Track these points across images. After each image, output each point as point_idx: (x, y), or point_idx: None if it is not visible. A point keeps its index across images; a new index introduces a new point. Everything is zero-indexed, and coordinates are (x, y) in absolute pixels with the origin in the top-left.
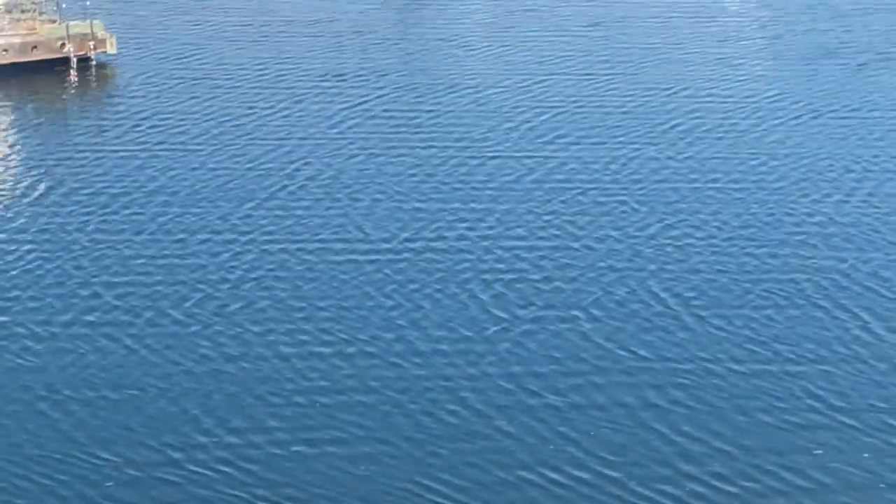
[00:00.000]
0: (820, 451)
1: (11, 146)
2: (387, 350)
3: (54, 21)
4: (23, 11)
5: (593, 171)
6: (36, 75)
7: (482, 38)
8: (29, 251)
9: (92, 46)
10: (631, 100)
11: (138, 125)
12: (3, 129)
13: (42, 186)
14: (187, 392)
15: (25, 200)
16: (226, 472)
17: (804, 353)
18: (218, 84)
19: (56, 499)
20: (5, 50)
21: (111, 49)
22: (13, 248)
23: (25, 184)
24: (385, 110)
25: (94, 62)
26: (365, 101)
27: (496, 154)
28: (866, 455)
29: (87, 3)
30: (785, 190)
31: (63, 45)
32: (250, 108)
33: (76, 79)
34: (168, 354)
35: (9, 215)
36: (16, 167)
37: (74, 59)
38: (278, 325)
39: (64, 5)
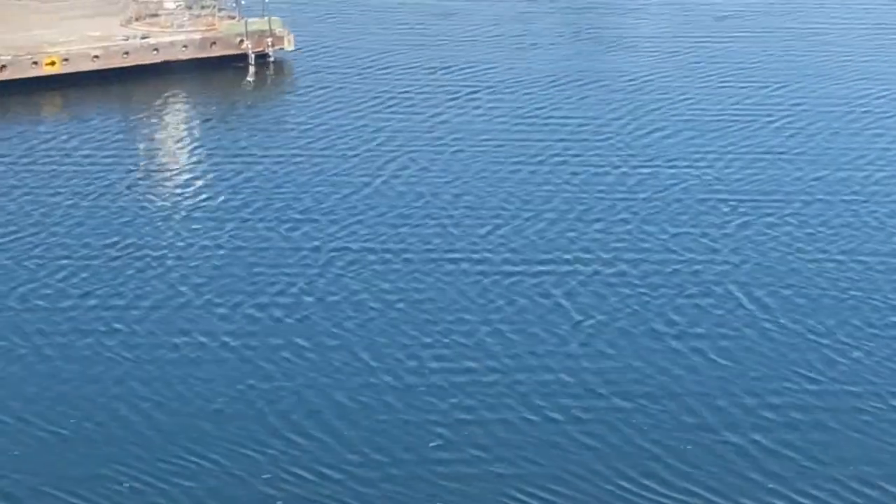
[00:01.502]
0: None
1: (182, 142)
2: (488, 354)
3: (233, 17)
4: (202, 7)
5: (694, 176)
6: (214, 72)
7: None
8: (135, 245)
9: (270, 43)
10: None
11: (307, 124)
12: (177, 125)
13: (198, 185)
14: (287, 394)
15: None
16: (323, 474)
17: None
18: (393, 86)
19: (164, 497)
20: (185, 46)
21: (289, 46)
22: (115, 240)
23: (184, 184)
24: (509, 109)
25: (271, 59)
26: (497, 106)
27: (615, 164)
28: None
29: None
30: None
31: (241, 41)
32: (419, 111)
33: (253, 76)
34: (271, 356)
35: (129, 209)
36: (176, 163)
37: (252, 56)
38: (380, 328)
39: (243, 2)
